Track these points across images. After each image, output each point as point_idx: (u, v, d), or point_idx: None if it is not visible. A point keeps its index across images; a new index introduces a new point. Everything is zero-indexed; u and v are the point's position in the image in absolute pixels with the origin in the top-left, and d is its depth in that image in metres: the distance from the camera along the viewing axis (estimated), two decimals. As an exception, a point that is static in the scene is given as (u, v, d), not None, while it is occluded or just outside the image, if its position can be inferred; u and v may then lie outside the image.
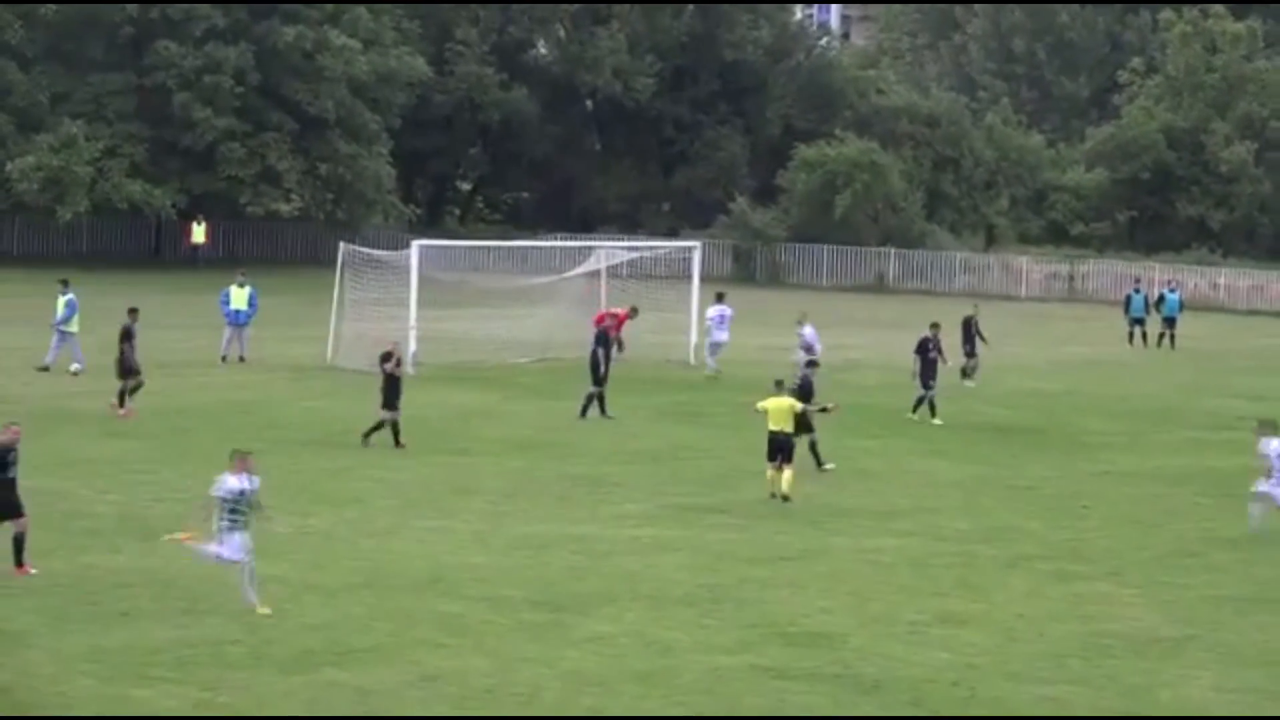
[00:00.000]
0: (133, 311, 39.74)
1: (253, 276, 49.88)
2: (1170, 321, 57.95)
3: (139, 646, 21.93)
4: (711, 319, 48.21)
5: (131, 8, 70.51)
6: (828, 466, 34.09)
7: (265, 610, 23.13)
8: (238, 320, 46.63)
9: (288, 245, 72.53)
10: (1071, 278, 75.91)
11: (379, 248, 50.26)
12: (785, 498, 31.49)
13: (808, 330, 45.34)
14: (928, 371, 41.02)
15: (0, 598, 23.95)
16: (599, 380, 39.84)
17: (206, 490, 23.42)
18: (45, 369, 43.31)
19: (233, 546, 23.09)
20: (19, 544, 24.96)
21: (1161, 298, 59.59)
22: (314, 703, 20.00)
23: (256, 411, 39.18)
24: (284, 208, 74.99)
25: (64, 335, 43.74)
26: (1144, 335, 57.64)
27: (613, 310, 47.70)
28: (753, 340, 50.98)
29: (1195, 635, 24.10)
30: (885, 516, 30.86)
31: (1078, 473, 35.75)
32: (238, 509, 23.19)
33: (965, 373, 45.98)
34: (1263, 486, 30.05)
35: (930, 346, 41.15)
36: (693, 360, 48.56)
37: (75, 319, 43.83)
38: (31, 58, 70.53)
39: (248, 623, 23.08)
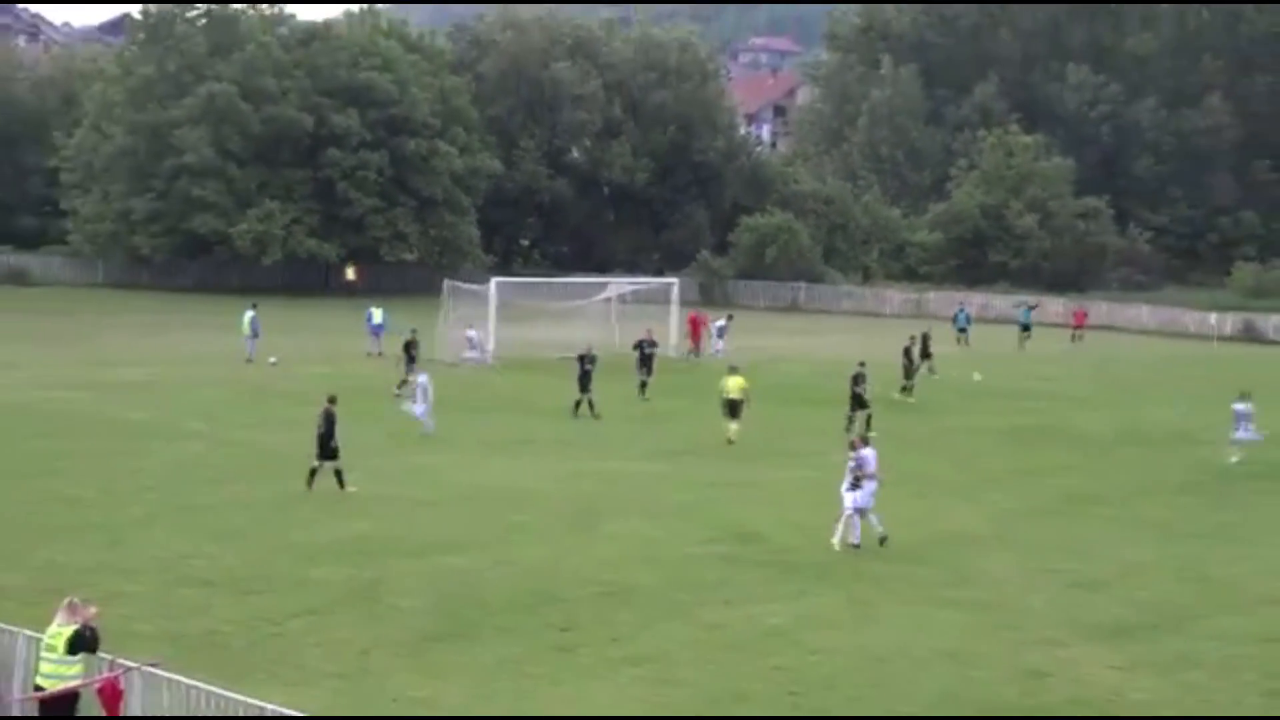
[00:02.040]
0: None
1: (386, 303, 50.14)
2: (1025, 328, 58.29)
3: (314, 541, 21.91)
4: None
5: (309, 125, 70.67)
6: (871, 435, 33.20)
7: (885, 531, 22.25)
8: (377, 331, 46.85)
9: (411, 281, 72.03)
10: (919, 302, 75.65)
11: (470, 283, 50.08)
12: (731, 441, 31.50)
13: (472, 333, 44.08)
14: (909, 367, 39.89)
15: (230, 509, 23.92)
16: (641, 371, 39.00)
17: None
18: (250, 360, 43.31)
19: (852, 500, 22.25)
20: (339, 475, 25.17)
21: (1023, 311, 60.18)
22: (430, 578, 19.94)
23: (392, 388, 39.01)
24: (408, 257, 74.76)
25: (252, 338, 43.98)
26: (966, 339, 57.16)
27: (696, 322, 47.98)
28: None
29: (1003, 533, 24.10)
30: (797, 456, 30.82)
31: (926, 427, 35.69)
32: (858, 474, 22.35)
33: (929, 370, 44.07)
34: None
35: (910, 352, 39.96)
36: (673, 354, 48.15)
37: (247, 324, 43.95)
38: (245, 159, 70.56)
39: (383, 525, 23.04)
